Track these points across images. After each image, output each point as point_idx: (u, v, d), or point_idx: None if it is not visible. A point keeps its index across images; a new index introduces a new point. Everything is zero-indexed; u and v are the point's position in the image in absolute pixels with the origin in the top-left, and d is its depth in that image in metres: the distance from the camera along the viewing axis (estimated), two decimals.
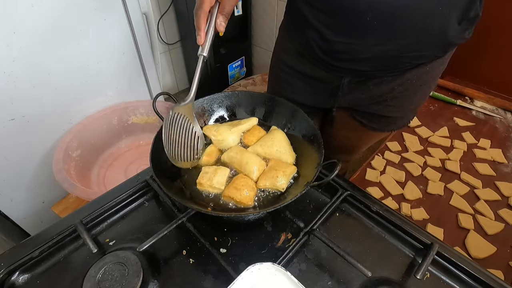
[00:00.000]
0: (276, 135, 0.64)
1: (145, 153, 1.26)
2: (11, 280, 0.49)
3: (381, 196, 0.91)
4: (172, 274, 0.51)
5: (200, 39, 0.55)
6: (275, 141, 0.62)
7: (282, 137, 0.64)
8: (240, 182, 0.55)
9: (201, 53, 0.56)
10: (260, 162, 0.60)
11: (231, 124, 0.67)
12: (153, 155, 0.55)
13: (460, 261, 0.50)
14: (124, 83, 1.23)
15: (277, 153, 0.61)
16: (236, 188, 0.54)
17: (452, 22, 0.54)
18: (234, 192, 0.54)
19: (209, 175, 0.56)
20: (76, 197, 1.12)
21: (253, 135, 0.65)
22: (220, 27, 0.56)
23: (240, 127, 0.66)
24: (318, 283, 0.50)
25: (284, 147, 0.62)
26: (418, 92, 0.69)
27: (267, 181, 0.56)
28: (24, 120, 0.98)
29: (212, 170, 0.57)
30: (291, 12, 0.69)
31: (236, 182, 0.56)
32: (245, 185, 0.55)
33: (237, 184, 0.55)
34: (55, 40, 0.95)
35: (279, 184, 0.56)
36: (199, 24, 0.54)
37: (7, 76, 0.89)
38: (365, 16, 0.53)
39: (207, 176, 0.56)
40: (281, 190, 0.57)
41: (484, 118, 1.20)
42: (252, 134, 0.66)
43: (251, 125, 0.67)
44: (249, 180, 0.56)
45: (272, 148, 0.62)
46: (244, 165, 0.58)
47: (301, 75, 0.73)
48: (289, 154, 0.62)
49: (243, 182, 0.55)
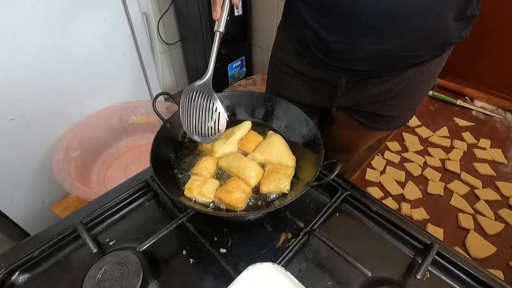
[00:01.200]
0: (274, 140, 0.63)
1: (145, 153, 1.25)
2: (11, 280, 0.49)
3: (381, 196, 0.91)
4: (172, 274, 0.51)
5: (216, 14, 0.54)
6: (274, 147, 0.62)
7: (281, 142, 0.64)
8: (231, 184, 0.55)
9: (217, 29, 0.54)
10: (258, 169, 0.59)
11: (225, 135, 0.65)
12: (153, 155, 0.55)
13: (460, 261, 0.50)
14: (124, 83, 1.23)
15: (277, 158, 0.61)
16: (227, 190, 0.54)
17: (448, 21, 0.54)
18: (225, 194, 0.54)
19: (199, 182, 0.56)
20: (76, 197, 1.12)
21: (250, 142, 0.65)
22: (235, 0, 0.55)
23: (234, 137, 0.65)
24: (318, 283, 0.50)
25: (283, 151, 0.62)
26: (417, 91, 0.69)
27: (270, 184, 0.56)
28: (24, 120, 0.98)
29: (202, 179, 0.57)
30: (289, 13, 0.69)
31: (228, 184, 0.56)
32: (236, 188, 0.55)
33: (228, 186, 0.55)
34: (55, 40, 0.94)
35: (282, 187, 0.56)
36: None
37: (7, 76, 0.89)
38: (361, 17, 0.53)
39: (197, 183, 0.56)
40: (285, 191, 0.56)
41: (484, 118, 1.20)
42: (249, 141, 0.65)
43: (246, 130, 0.67)
44: (241, 183, 0.56)
45: (272, 154, 0.61)
46: (242, 169, 0.58)
47: (299, 75, 0.73)
48: (289, 158, 0.62)
49: (235, 184, 0.55)
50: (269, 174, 0.58)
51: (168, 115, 0.65)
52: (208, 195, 0.55)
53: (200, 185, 0.55)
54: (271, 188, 0.56)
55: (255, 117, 0.71)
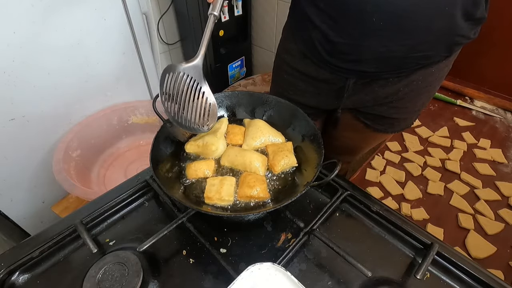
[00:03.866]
0: (259, 124, 0.66)
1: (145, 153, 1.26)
2: (11, 280, 0.49)
3: (381, 196, 0.91)
4: (172, 274, 0.51)
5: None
6: (263, 129, 0.65)
7: (264, 123, 0.66)
8: (251, 179, 0.56)
9: (212, 11, 0.53)
10: (261, 157, 0.61)
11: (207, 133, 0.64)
12: (153, 155, 0.55)
13: (460, 261, 0.50)
14: (124, 83, 1.23)
15: (271, 138, 0.64)
16: (249, 186, 0.55)
17: (458, 22, 0.54)
18: (250, 190, 0.54)
19: (216, 187, 0.55)
20: (76, 197, 1.12)
21: (236, 134, 0.66)
22: None
23: (220, 131, 0.65)
24: (318, 283, 0.50)
25: (272, 131, 0.65)
26: (423, 93, 0.69)
27: (281, 162, 0.58)
28: (24, 120, 0.98)
29: (218, 182, 0.56)
30: (295, 13, 0.69)
31: (246, 180, 0.56)
32: (256, 181, 0.56)
33: (248, 182, 0.55)
34: (55, 40, 0.94)
35: (291, 161, 0.59)
36: None
37: (7, 76, 0.89)
38: (371, 17, 0.53)
39: (214, 189, 0.55)
40: (295, 165, 0.59)
41: (484, 118, 1.20)
42: (234, 134, 0.66)
43: (226, 124, 0.67)
44: (257, 175, 0.57)
45: (265, 135, 0.64)
46: (248, 164, 0.59)
47: (304, 77, 0.73)
48: (279, 135, 0.65)
49: (253, 178, 0.56)
50: (275, 154, 0.60)
51: None
52: (228, 198, 0.54)
53: (217, 190, 0.54)
54: (283, 165, 0.59)
55: (255, 117, 0.71)
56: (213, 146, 0.61)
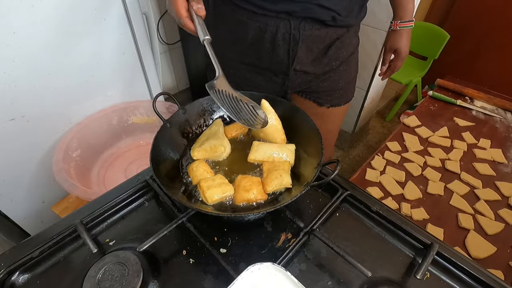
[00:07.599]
0: None
1: (145, 153, 1.26)
2: (11, 280, 0.49)
3: (381, 196, 0.91)
4: (172, 274, 0.51)
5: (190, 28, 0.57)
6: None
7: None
8: (246, 182, 0.55)
9: (203, 38, 0.56)
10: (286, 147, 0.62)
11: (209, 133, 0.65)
12: (153, 155, 0.55)
13: (460, 261, 0.50)
14: (124, 83, 1.23)
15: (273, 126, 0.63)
16: (245, 189, 0.54)
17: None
18: (246, 194, 0.54)
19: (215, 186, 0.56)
20: (76, 197, 1.11)
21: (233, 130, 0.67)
22: (199, 11, 0.56)
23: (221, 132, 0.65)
24: (318, 283, 0.50)
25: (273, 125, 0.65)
26: (351, 62, 0.82)
27: (274, 182, 0.56)
28: (24, 120, 0.98)
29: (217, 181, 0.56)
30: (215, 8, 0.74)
31: (242, 184, 0.55)
32: (252, 183, 0.55)
33: (244, 185, 0.55)
34: (55, 40, 0.94)
35: (285, 182, 0.56)
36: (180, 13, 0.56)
37: (7, 76, 0.89)
38: None
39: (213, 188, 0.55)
40: (289, 186, 0.57)
41: (484, 118, 1.20)
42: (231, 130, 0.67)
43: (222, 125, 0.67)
44: (252, 178, 0.57)
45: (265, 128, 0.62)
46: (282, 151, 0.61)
47: (248, 66, 0.77)
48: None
49: (249, 181, 0.56)
50: (270, 173, 0.58)
51: (168, 115, 0.65)
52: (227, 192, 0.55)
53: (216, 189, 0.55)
54: (275, 185, 0.57)
55: None
56: (221, 147, 0.61)
